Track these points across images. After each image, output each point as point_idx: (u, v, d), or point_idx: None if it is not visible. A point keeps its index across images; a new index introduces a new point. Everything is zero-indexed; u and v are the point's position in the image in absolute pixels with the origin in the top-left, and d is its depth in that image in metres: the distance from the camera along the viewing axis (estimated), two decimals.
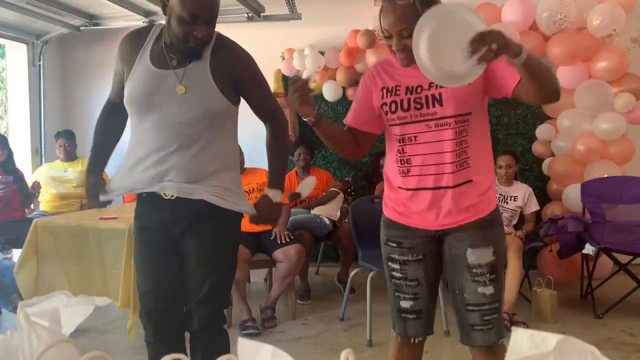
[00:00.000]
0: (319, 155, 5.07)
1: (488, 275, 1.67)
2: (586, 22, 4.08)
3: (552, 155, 4.52)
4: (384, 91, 1.72)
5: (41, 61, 5.21)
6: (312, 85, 1.67)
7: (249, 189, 3.62)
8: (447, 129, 1.64)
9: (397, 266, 1.77)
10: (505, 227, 3.89)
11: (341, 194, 4.36)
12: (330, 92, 4.86)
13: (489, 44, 1.36)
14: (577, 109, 4.21)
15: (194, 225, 1.76)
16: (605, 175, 4.10)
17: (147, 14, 4.66)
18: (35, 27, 4.95)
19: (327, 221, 4.14)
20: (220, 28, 5.34)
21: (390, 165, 1.79)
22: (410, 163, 1.69)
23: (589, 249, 3.61)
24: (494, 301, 1.68)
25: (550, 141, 4.51)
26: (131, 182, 1.80)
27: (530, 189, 4.03)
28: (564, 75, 4.22)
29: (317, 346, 3.15)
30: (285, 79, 5.08)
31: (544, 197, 4.51)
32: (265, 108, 1.90)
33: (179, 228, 1.78)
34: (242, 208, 1.82)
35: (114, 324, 3.51)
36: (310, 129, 1.72)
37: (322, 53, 4.80)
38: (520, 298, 3.57)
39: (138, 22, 4.77)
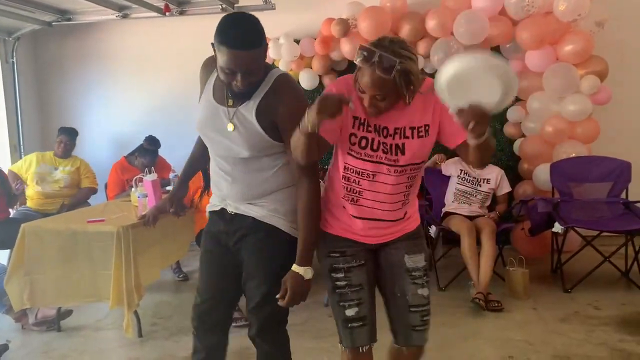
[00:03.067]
0: None
1: (424, 277, 1.86)
2: (553, 7, 4.21)
3: (523, 136, 4.69)
4: (356, 122, 1.74)
5: (14, 58, 5.17)
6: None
7: None
8: (403, 175, 1.77)
9: (341, 274, 1.85)
10: (479, 209, 4.09)
11: (322, 183, 4.47)
12: (306, 80, 4.93)
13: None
14: (546, 92, 4.37)
15: (246, 238, 1.91)
16: (573, 155, 4.30)
17: (120, 8, 4.63)
18: (6, 25, 4.90)
19: None
20: (195, 20, 5.31)
21: (336, 185, 1.84)
22: (361, 195, 1.79)
23: (557, 227, 3.81)
24: (429, 302, 1.87)
25: (520, 123, 4.68)
26: (212, 197, 2.05)
27: (502, 172, 4.20)
28: (532, 59, 4.37)
29: (304, 333, 3.30)
30: None
31: (515, 177, 4.70)
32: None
33: (232, 239, 1.94)
34: (286, 229, 1.90)
35: (105, 320, 3.61)
36: None
37: (297, 41, 4.86)
38: (494, 276, 3.76)
39: (111, 16, 4.76)
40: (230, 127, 1.82)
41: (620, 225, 3.86)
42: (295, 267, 1.80)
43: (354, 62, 1.65)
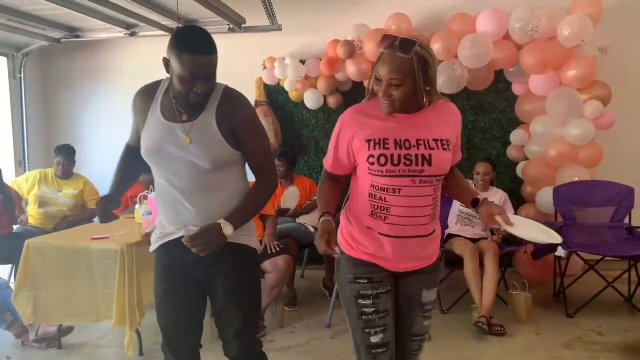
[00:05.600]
0: (301, 162, 5.18)
1: (431, 310, 1.96)
2: (556, 32, 4.25)
3: (526, 159, 4.71)
4: (370, 144, 1.77)
5: (22, 73, 5.22)
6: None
7: None
8: (429, 185, 1.78)
9: (369, 301, 1.85)
10: (482, 231, 4.09)
11: None
12: (311, 100, 4.97)
13: None
14: (549, 115, 4.39)
15: (216, 264, 1.88)
16: (576, 179, 4.31)
17: (128, 26, 4.69)
18: (15, 40, 4.96)
19: (312, 229, 4.26)
20: None
21: (361, 207, 1.84)
22: (389, 211, 1.78)
23: (560, 251, 3.81)
24: (428, 329, 1.99)
25: (524, 145, 4.70)
26: (162, 227, 1.98)
27: (506, 194, 4.21)
28: (536, 83, 4.41)
29: (306, 355, 3.28)
30: (266, 87, 5.17)
31: (518, 199, 4.70)
32: (257, 161, 1.97)
33: (201, 267, 1.91)
34: (253, 244, 1.99)
35: (106, 338, 3.60)
36: (292, 136, 1.81)
37: (303, 61, 4.90)
38: (497, 300, 3.75)
39: (119, 33, 4.83)
40: (186, 140, 1.84)
41: (623, 250, 3.85)
42: (221, 220, 1.81)
43: (379, 50, 1.74)
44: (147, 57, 5.48)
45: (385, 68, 1.70)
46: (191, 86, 1.77)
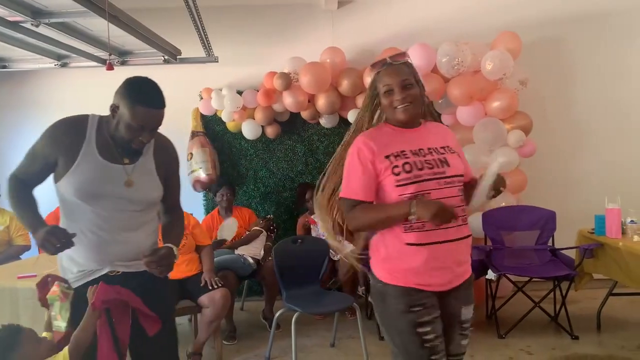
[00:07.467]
0: (240, 191, 5.17)
1: (469, 329, 1.95)
2: (480, 66, 4.51)
3: None
4: (391, 157, 1.86)
5: None
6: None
7: None
8: (453, 186, 1.86)
9: (429, 328, 1.84)
10: None
11: (264, 232, 4.49)
12: (249, 130, 4.99)
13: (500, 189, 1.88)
14: (476, 144, 4.62)
15: (142, 295, 1.91)
16: (503, 204, 4.53)
17: (59, 57, 4.57)
18: None
19: (251, 260, 4.25)
20: (136, 70, 5.26)
21: (393, 232, 1.87)
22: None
23: (490, 274, 3.97)
24: (465, 351, 1.98)
25: None
26: (84, 265, 1.95)
27: None
28: (463, 114, 4.63)
29: None
30: (203, 118, 5.16)
31: None
32: (174, 201, 2.18)
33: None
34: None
35: None
36: (230, 167, 1.90)
37: (240, 92, 4.94)
38: None
39: (50, 64, 4.69)
40: (130, 182, 1.91)
41: (548, 271, 4.06)
42: (171, 245, 1.94)
43: (374, 74, 1.94)
44: (79, 88, 5.37)
45: (393, 76, 1.88)
46: (138, 135, 1.84)
